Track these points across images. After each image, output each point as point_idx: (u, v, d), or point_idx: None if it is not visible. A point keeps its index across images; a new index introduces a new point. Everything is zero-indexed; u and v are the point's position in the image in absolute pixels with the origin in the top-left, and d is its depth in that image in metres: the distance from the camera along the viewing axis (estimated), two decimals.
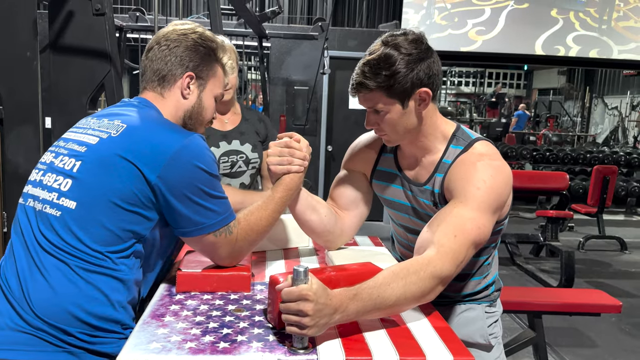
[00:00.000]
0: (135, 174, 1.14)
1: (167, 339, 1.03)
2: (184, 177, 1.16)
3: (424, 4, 8.46)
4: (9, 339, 1.09)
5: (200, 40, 1.32)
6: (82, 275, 1.13)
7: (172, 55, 1.30)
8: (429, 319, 1.19)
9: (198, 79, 1.33)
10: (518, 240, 5.17)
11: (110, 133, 1.20)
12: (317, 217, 1.51)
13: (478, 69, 16.10)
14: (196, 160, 1.17)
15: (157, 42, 1.32)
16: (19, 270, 1.15)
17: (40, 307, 1.11)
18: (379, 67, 1.29)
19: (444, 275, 1.19)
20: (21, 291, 1.12)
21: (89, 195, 1.15)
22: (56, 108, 2.42)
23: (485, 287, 1.50)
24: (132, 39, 6.35)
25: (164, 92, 1.32)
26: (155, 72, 1.31)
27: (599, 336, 3.65)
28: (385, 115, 1.34)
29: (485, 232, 1.27)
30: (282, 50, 5.94)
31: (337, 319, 1.04)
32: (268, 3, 9.21)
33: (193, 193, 1.17)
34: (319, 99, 6.15)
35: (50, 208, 1.16)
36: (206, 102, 1.35)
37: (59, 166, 1.21)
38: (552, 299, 2.86)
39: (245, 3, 3.94)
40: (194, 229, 1.21)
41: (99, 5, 2.36)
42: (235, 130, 2.22)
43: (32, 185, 1.25)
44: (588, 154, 8.85)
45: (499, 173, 1.31)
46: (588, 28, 8.85)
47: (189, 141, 1.18)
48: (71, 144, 1.24)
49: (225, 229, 1.23)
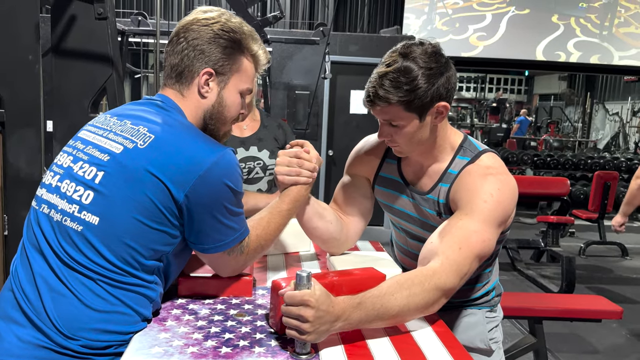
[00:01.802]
0: (162, 191, 1.07)
1: (169, 344, 1.03)
2: (212, 196, 1.10)
3: (425, 9, 8.48)
4: (29, 353, 1.03)
5: (222, 32, 1.19)
6: (109, 291, 1.07)
7: (190, 49, 1.18)
8: (431, 326, 1.19)
9: (218, 75, 1.21)
10: (519, 245, 5.17)
11: (136, 143, 1.10)
12: (324, 224, 1.51)
13: (479, 74, 16.12)
14: (226, 178, 1.11)
15: (176, 33, 1.21)
16: (37, 281, 1.08)
17: (67, 323, 1.04)
18: (399, 81, 1.26)
19: (448, 287, 1.19)
20: (41, 303, 1.06)
21: (112, 211, 1.07)
22: (58, 111, 2.43)
23: (486, 293, 1.50)
24: (134, 43, 6.37)
25: (183, 91, 1.21)
26: (173, 68, 1.21)
27: (600, 342, 3.64)
28: (401, 129, 1.32)
29: (489, 246, 1.27)
30: (283, 55, 5.95)
31: (339, 327, 1.03)
32: (270, 8, 9.23)
33: (218, 211, 1.12)
34: (320, 103, 6.16)
35: (70, 221, 1.09)
36: (228, 100, 1.23)
37: (78, 174, 1.12)
38: (553, 305, 2.85)
39: (247, 8, 3.96)
40: (213, 247, 1.16)
41: (101, 10, 2.37)
42: (254, 136, 2.22)
43: (47, 190, 1.16)
44: (589, 160, 8.84)
45: (506, 187, 1.31)
46: (589, 34, 8.87)
47: (219, 157, 1.11)
48: (91, 149, 1.15)
49: (239, 247, 1.20)
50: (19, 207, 2.32)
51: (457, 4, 8.74)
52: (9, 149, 2.31)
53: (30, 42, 2.27)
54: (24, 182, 2.31)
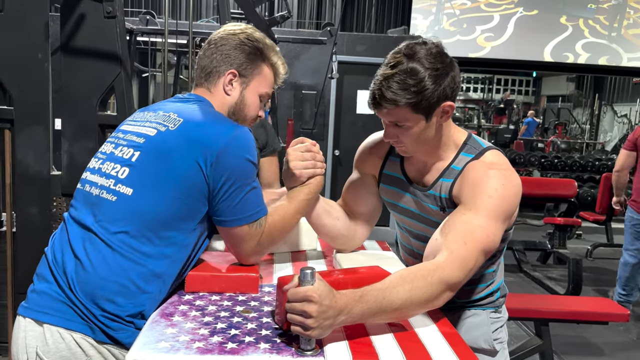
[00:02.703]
0: (190, 165, 1.20)
1: (175, 339, 1.04)
2: (234, 168, 1.22)
3: (432, 9, 8.47)
4: (49, 305, 1.20)
5: (247, 40, 1.38)
6: (119, 261, 1.19)
7: (218, 53, 1.37)
8: (436, 324, 1.19)
9: (241, 77, 1.38)
10: (525, 247, 5.15)
11: (168, 126, 1.26)
12: (332, 222, 1.53)
13: (486, 75, 16.07)
14: (245, 152, 1.24)
15: (208, 42, 1.41)
16: (74, 247, 1.22)
17: (80, 286, 1.18)
18: (406, 82, 1.25)
19: (452, 281, 1.18)
20: (64, 265, 1.21)
21: (145, 183, 1.21)
22: (66, 110, 2.44)
23: (490, 293, 1.50)
24: (141, 42, 6.40)
25: (210, 87, 1.39)
26: (202, 69, 1.39)
27: (607, 345, 3.62)
28: (408, 130, 1.32)
29: (494, 241, 1.27)
30: (290, 55, 5.95)
31: (342, 320, 1.04)
32: (277, 7, 9.25)
33: (240, 184, 1.23)
34: (327, 103, 6.17)
35: (107, 193, 1.23)
36: (249, 100, 1.40)
37: (118, 155, 1.28)
38: (560, 307, 2.84)
39: (255, 7, 3.97)
40: (234, 219, 1.25)
41: (110, 8, 2.38)
42: None
43: (91, 172, 1.32)
44: (597, 162, 8.80)
45: (510, 182, 1.31)
46: (597, 35, 8.83)
47: (238, 132, 1.24)
48: (130, 136, 1.30)
49: (258, 222, 1.28)
50: (28, 204, 2.34)
51: (465, 5, 8.71)
52: (18, 146, 2.32)
53: (39, 40, 2.28)
54: (33, 180, 2.33)
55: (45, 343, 1.18)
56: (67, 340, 1.18)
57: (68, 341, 1.18)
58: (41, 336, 1.18)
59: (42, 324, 1.19)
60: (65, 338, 1.18)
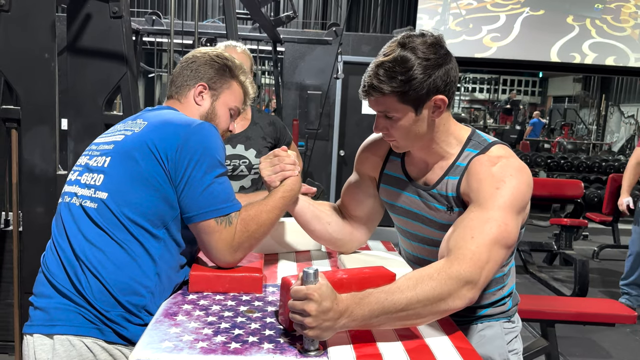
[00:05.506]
0: (152, 159, 1.24)
1: (179, 338, 1.04)
2: (193, 155, 1.23)
3: (438, 9, 8.44)
4: (56, 316, 1.22)
5: (216, 57, 1.46)
6: (106, 265, 1.23)
7: (188, 70, 1.45)
8: (449, 337, 1.16)
9: (211, 90, 1.45)
10: (531, 248, 5.13)
11: (133, 130, 1.32)
12: (322, 227, 1.52)
13: (492, 75, 16.03)
14: (206, 141, 1.26)
15: (180, 62, 1.49)
16: (63, 261, 1.25)
17: (86, 290, 1.21)
18: (394, 70, 1.22)
19: (465, 276, 1.11)
20: (66, 276, 1.23)
21: (116, 184, 1.25)
22: (73, 110, 2.45)
23: (502, 299, 1.43)
24: (147, 42, 6.42)
25: (180, 99, 1.45)
26: (173, 83, 1.48)
27: (613, 347, 3.60)
28: (396, 122, 1.28)
29: (508, 230, 1.20)
30: (296, 55, 5.96)
31: (343, 324, 1.01)
32: (283, 8, 9.25)
33: (201, 173, 1.24)
34: (332, 103, 6.16)
35: (90, 202, 1.27)
36: (219, 111, 1.46)
37: (93, 165, 1.32)
38: (566, 308, 2.82)
39: (260, 8, 3.97)
40: (198, 213, 1.24)
41: (116, 9, 2.39)
42: (242, 134, 2.21)
43: (68, 184, 1.36)
44: (603, 162, 8.76)
45: (519, 172, 1.26)
46: (604, 35, 8.77)
47: (201, 126, 1.28)
48: (102, 146, 1.36)
49: (227, 218, 1.26)
50: (34, 204, 2.35)
51: (471, 5, 8.68)
52: (24, 146, 2.34)
53: (46, 40, 2.29)
54: (39, 179, 2.34)
55: (56, 354, 1.19)
56: (78, 347, 1.19)
57: (79, 347, 1.19)
58: (51, 348, 1.20)
59: (52, 336, 1.21)
60: (76, 345, 1.19)
